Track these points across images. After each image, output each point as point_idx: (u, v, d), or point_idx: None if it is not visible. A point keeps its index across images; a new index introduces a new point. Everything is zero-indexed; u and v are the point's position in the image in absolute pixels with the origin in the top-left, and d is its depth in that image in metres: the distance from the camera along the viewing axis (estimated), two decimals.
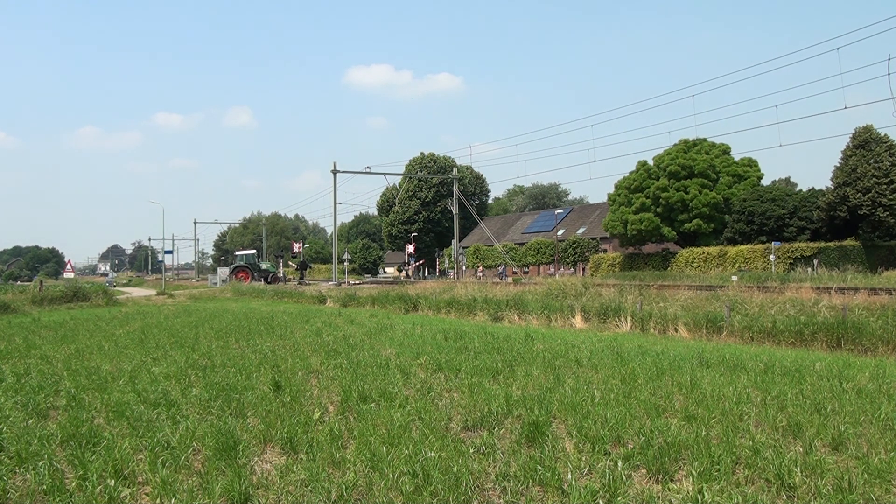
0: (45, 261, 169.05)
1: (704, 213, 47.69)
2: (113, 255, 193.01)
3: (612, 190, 54.53)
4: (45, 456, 5.37)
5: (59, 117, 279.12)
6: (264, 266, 66.77)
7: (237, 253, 71.90)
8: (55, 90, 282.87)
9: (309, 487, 4.69)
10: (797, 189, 57.20)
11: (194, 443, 5.72)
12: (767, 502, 4.45)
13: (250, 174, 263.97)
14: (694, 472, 4.82)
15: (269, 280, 59.77)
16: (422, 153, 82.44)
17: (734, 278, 32.87)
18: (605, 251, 59.79)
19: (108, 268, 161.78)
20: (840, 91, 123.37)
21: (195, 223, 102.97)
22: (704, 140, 51.00)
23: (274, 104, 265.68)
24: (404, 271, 69.23)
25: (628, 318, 16.81)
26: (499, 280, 46.12)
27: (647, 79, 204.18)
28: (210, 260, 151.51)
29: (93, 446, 5.66)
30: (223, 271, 66.96)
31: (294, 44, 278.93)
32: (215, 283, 63.33)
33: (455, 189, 58.88)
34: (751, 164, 50.12)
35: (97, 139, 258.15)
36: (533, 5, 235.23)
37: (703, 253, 46.42)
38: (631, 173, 52.72)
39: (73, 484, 4.86)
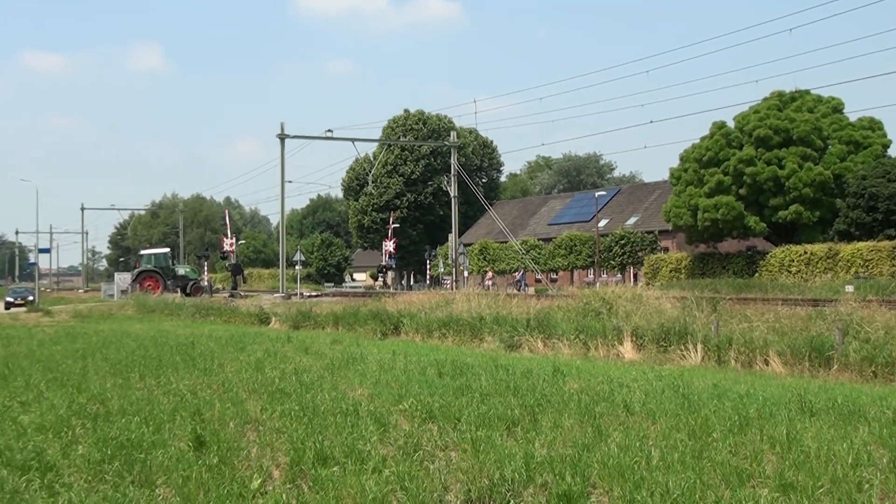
0: None
1: (807, 197, 47.80)
2: None
3: (675, 163, 54.76)
4: None
5: None
6: (181, 271, 66.84)
7: (143, 252, 71.98)
8: None
9: None
10: None
11: None
12: None
13: (161, 140, 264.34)
14: None
15: (188, 290, 59.81)
16: (406, 111, 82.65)
17: (849, 288, 32.98)
18: (667, 250, 60.00)
19: None
20: None
21: (83, 209, 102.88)
22: (807, 92, 51.18)
23: (195, 41, 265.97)
24: (381, 279, 69.36)
25: (699, 346, 16.92)
26: (515, 291, 46.24)
27: (725, 6, 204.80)
28: (104, 262, 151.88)
29: None
30: (123, 278, 67.08)
31: None
32: (111, 295, 63.48)
33: (453, 161, 59.05)
34: (873, 126, 50.32)
35: None
36: None
37: (805, 252, 46.57)
38: (703, 139, 52.88)
39: None
